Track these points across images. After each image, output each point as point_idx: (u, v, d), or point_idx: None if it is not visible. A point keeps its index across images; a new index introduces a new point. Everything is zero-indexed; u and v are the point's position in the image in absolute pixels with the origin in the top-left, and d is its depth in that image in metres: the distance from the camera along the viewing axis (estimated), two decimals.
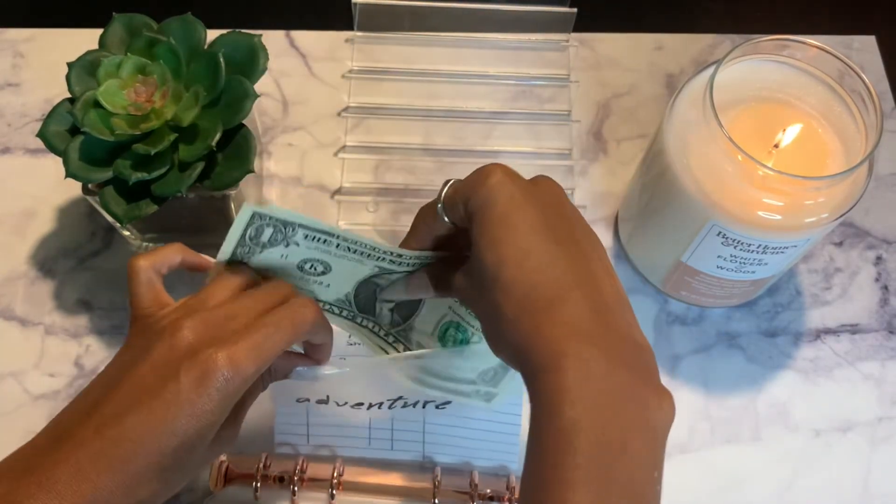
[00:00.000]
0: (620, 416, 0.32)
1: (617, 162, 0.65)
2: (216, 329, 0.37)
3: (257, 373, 0.37)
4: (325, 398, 0.49)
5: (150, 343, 0.37)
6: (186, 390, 0.35)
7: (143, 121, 0.49)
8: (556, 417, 0.32)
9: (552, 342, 0.33)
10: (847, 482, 0.54)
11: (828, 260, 0.61)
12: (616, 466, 0.31)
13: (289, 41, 0.69)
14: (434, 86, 0.67)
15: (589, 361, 0.32)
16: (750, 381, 0.57)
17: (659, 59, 0.69)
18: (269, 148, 0.64)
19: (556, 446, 0.31)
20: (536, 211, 0.36)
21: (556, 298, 0.34)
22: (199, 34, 0.51)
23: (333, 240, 0.40)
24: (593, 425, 0.31)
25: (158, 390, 0.35)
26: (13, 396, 0.55)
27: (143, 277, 0.40)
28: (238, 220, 0.38)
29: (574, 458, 0.31)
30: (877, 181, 0.64)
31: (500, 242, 0.36)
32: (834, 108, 0.49)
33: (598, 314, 0.34)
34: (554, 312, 0.34)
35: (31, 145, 0.63)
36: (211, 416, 0.36)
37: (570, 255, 0.36)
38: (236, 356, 0.36)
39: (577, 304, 0.34)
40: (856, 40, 0.70)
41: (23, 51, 0.67)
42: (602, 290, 0.35)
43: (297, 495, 0.50)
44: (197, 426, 0.35)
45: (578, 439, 0.31)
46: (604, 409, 0.32)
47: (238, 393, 0.36)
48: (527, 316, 0.34)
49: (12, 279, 0.59)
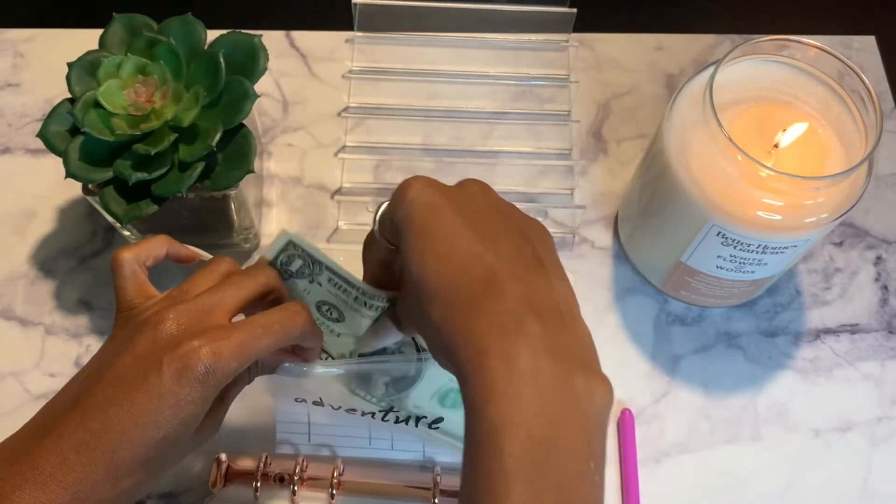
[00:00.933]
0: (547, 409, 0.30)
1: (617, 162, 0.65)
2: (200, 320, 0.37)
3: (240, 368, 0.37)
4: (319, 400, 0.49)
5: (133, 334, 0.37)
6: (168, 382, 0.35)
7: (144, 121, 0.49)
8: (482, 421, 0.30)
9: (475, 340, 0.32)
10: (847, 482, 0.54)
11: (828, 260, 0.61)
12: (548, 462, 0.30)
13: (289, 41, 0.69)
14: (434, 86, 0.67)
15: (513, 356, 0.31)
16: (750, 381, 0.57)
17: (659, 59, 0.69)
18: (269, 148, 0.64)
19: (485, 451, 0.30)
20: (456, 214, 0.35)
21: (477, 296, 0.33)
22: (199, 34, 0.51)
23: (353, 291, 0.41)
24: (520, 423, 0.30)
25: (141, 382, 0.35)
26: (13, 396, 0.55)
27: (128, 269, 0.40)
28: (274, 244, 0.40)
29: (502, 463, 0.30)
30: (877, 181, 0.64)
31: (421, 252, 0.34)
32: (834, 108, 0.49)
33: (524, 304, 0.32)
34: (476, 310, 0.32)
35: (32, 145, 0.63)
36: (193, 407, 0.36)
37: (497, 250, 0.34)
38: (220, 351, 0.36)
39: (499, 299, 0.32)
40: (856, 40, 0.70)
41: (23, 51, 0.67)
42: (530, 280, 0.34)
43: (297, 495, 0.50)
44: (180, 418, 0.35)
45: (504, 441, 0.30)
46: (529, 404, 0.30)
47: (220, 386, 0.36)
48: (451, 319, 0.33)
49: (12, 279, 0.59)
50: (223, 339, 0.36)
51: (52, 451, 0.34)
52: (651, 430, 0.55)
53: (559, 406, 0.31)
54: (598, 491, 0.31)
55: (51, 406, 0.37)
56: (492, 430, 0.30)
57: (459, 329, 0.32)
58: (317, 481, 0.50)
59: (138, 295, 0.40)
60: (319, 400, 0.49)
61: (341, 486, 0.50)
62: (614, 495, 0.53)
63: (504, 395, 0.30)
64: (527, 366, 0.31)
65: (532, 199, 0.63)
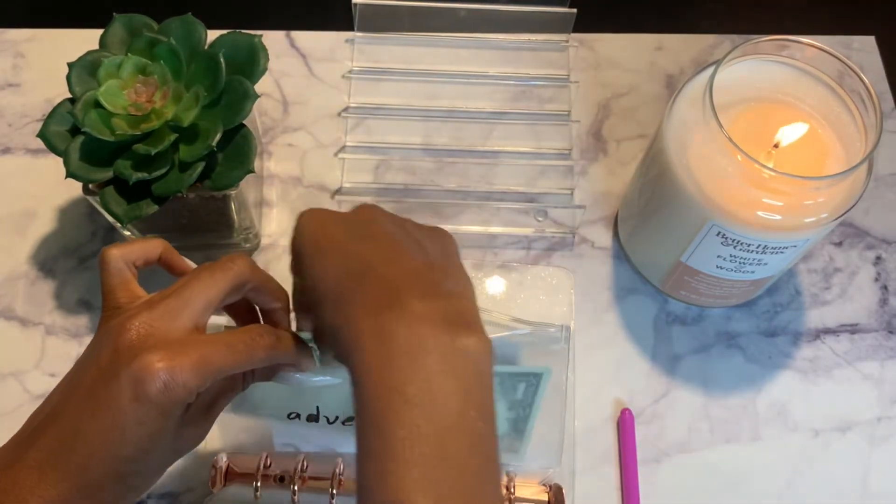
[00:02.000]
0: (421, 369, 0.32)
1: (617, 162, 0.65)
2: (165, 327, 0.36)
3: (202, 385, 0.35)
4: (316, 412, 0.49)
5: (101, 342, 0.36)
6: (126, 398, 0.34)
7: (144, 121, 0.49)
8: (361, 393, 0.32)
9: (352, 326, 0.34)
10: (846, 482, 0.54)
11: (827, 260, 0.61)
12: (424, 417, 0.31)
13: (289, 41, 0.69)
14: (434, 86, 0.67)
15: (387, 331, 0.33)
16: (749, 381, 0.57)
17: (659, 59, 0.69)
18: (270, 148, 0.64)
19: (364, 418, 0.32)
20: (341, 227, 0.38)
21: (355, 286, 0.35)
22: (199, 34, 0.51)
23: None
24: (393, 388, 0.32)
25: (104, 397, 0.34)
26: (14, 396, 0.55)
27: (113, 267, 0.39)
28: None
29: (379, 424, 0.31)
30: (876, 181, 0.64)
31: (311, 266, 0.37)
32: (833, 108, 0.49)
33: (399, 282, 0.34)
34: (352, 298, 0.34)
35: (32, 145, 0.63)
36: (156, 422, 0.34)
37: (377, 245, 0.37)
38: (176, 367, 0.34)
39: (374, 283, 0.35)
40: (855, 40, 0.70)
41: (23, 51, 0.67)
42: (404, 262, 0.36)
43: (297, 495, 0.50)
44: (145, 433, 0.34)
45: (380, 405, 0.32)
46: (403, 368, 0.32)
47: (182, 402, 0.35)
48: (336, 314, 0.35)
49: (13, 279, 0.59)
50: (181, 354, 0.35)
51: (31, 467, 0.34)
52: (651, 430, 0.55)
53: (432, 364, 0.32)
54: (482, 439, 0.33)
55: (35, 416, 0.37)
56: (370, 399, 0.32)
57: (341, 320, 0.34)
58: (317, 481, 0.50)
59: (124, 295, 0.38)
60: (315, 412, 0.49)
61: (341, 486, 0.50)
62: (614, 495, 0.53)
63: (378, 366, 0.32)
64: (402, 335, 0.33)
65: (532, 199, 0.63)
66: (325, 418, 0.49)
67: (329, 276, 0.36)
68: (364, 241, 0.37)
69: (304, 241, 0.38)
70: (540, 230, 0.62)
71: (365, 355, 0.33)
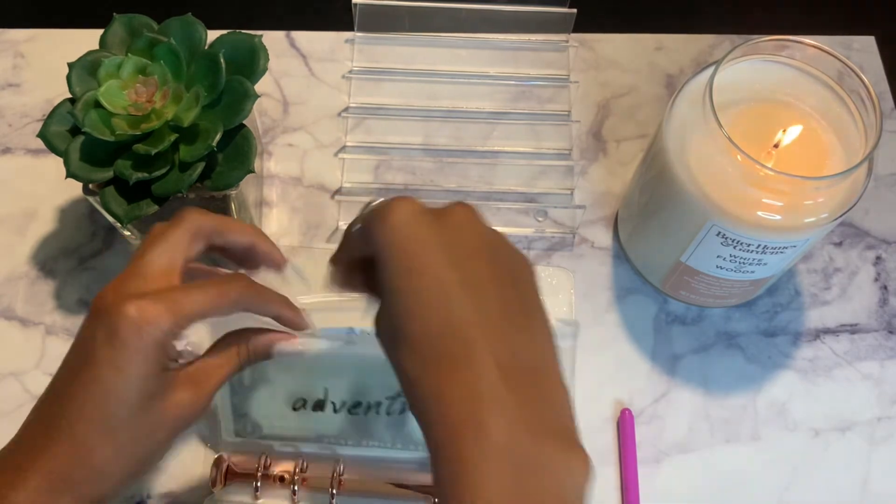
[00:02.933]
0: (522, 490, 0.29)
1: (617, 162, 0.65)
2: (132, 288, 0.36)
3: (176, 325, 0.36)
4: (324, 395, 0.49)
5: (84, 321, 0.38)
6: (101, 346, 0.35)
7: (144, 121, 0.49)
8: (454, 497, 0.29)
9: (447, 406, 0.30)
10: (846, 482, 0.54)
11: (827, 260, 0.61)
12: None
13: (289, 41, 0.69)
14: (434, 86, 0.67)
15: (486, 428, 0.30)
16: (749, 381, 0.57)
17: (659, 59, 0.69)
18: (270, 148, 0.64)
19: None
20: (442, 252, 0.33)
21: (452, 358, 0.31)
22: (199, 34, 0.51)
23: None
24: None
25: (81, 353, 0.36)
26: (14, 396, 0.55)
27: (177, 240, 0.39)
28: None
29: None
30: (876, 181, 0.64)
31: (405, 293, 0.33)
32: (833, 108, 0.49)
33: (501, 370, 0.31)
34: (450, 374, 0.31)
35: (32, 145, 0.63)
36: (135, 368, 0.35)
37: (479, 304, 0.32)
38: (145, 304, 0.35)
39: (475, 363, 0.31)
40: (855, 40, 0.70)
41: (23, 51, 0.67)
42: (510, 339, 0.32)
43: (297, 495, 0.50)
44: (126, 382, 0.35)
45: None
46: (503, 484, 0.29)
47: (158, 342, 0.35)
48: (425, 377, 0.31)
49: (13, 279, 0.59)
50: (151, 297, 0.35)
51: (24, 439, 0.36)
52: (651, 430, 0.55)
53: (534, 487, 0.29)
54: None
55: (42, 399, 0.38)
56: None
57: (432, 391, 0.31)
58: (317, 481, 0.50)
59: (163, 280, 0.38)
60: (324, 394, 0.49)
61: (341, 486, 0.50)
62: (614, 495, 0.53)
63: (477, 472, 0.29)
64: (500, 440, 0.30)
65: (532, 199, 0.63)
66: (332, 404, 0.49)
67: (425, 325, 0.32)
68: (468, 289, 0.32)
69: (394, 248, 0.33)
70: (540, 230, 0.62)
71: (461, 452, 0.30)
